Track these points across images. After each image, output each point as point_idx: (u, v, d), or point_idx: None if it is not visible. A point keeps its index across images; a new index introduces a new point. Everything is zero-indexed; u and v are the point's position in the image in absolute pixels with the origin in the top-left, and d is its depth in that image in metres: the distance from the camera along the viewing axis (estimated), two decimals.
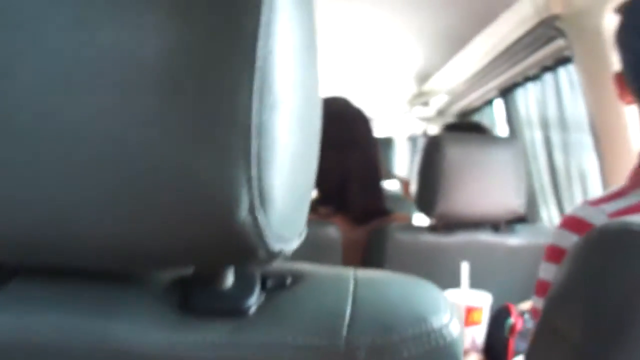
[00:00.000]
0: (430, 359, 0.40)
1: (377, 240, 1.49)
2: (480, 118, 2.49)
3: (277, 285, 0.43)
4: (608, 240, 0.53)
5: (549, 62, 1.73)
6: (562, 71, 1.70)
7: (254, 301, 0.40)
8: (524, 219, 1.57)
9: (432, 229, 1.49)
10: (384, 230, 1.47)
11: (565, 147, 1.73)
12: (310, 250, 1.44)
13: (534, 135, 1.92)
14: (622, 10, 0.85)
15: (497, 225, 1.51)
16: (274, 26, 0.33)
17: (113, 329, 0.38)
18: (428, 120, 3.02)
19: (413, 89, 2.88)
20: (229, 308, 0.40)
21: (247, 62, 0.32)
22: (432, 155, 1.42)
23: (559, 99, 1.71)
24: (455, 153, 1.40)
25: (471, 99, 2.46)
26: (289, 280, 0.43)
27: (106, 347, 0.37)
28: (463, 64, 2.25)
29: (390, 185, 3.09)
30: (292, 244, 0.39)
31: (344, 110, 1.67)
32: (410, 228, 1.51)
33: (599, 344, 0.53)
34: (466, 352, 1.13)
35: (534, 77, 1.85)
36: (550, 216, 1.92)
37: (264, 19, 0.33)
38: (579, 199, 1.70)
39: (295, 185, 0.37)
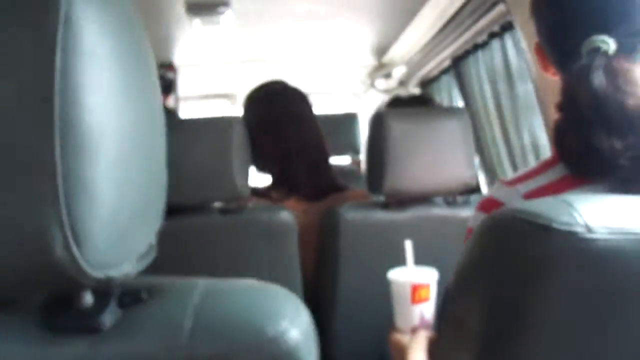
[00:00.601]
0: None
1: (330, 220, 1.48)
2: (439, 87, 2.48)
3: (134, 301, 0.46)
4: (499, 230, 0.54)
5: (495, 29, 1.71)
6: (508, 37, 1.68)
7: (108, 318, 0.44)
8: (478, 190, 1.57)
9: (384, 206, 1.47)
10: (336, 211, 1.46)
11: (515, 114, 1.73)
12: (265, 237, 1.42)
13: (487, 103, 1.92)
14: None
15: (450, 198, 1.49)
16: (75, 66, 0.36)
17: None
18: (390, 92, 3.00)
19: (373, 61, 2.87)
20: (86, 325, 0.44)
21: (45, 106, 0.35)
22: (376, 132, 1.40)
23: (507, 65, 1.70)
24: (399, 128, 1.37)
25: (429, 68, 2.45)
26: (144, 295, 0.47)
27: None
28: (416, 35, 2.23)
29: (347, 161, 3.07)
30: (124, 267, 0.42)
31: (278, 92, 1.67)
32: (362, 206, 1.49)
33: (499, 332, 0.53)
34: (415, 330, 1.13)
35: (483, 45, 1.83)
36: None
37: (59, 61, 0.35)
38: (532, 163, 1.70)
39: (119, 215, 0.40)
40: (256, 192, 1.62)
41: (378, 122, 1.39)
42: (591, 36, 0.71)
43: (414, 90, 2.81)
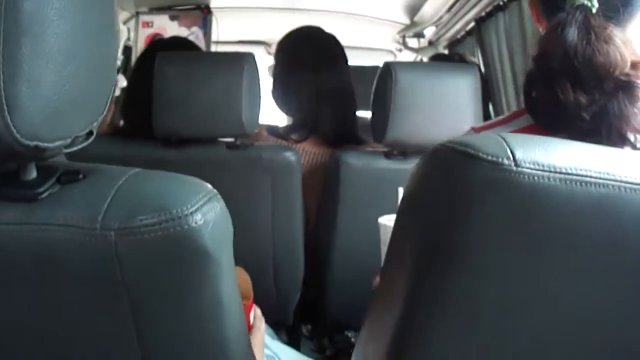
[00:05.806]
0: (169, 241, 0.50)
1: (332, 165, 1.52)
2: (464, 49, 2.46)
3: (72, 180, 0.54)
4: (434, 159, 0.56)
5: None
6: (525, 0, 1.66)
7: (46, 190, 0.52)
8: None
9: (386, 155, 1.50)
10: (338, 156, 1.50)
11: None
12: (268, 175, 1.47)
13: (504, 68, 1.91)
14: None
15: None
16: None
17: None
18: (421, 51, 2.99)
19: (405, 20, 2.85)
20: (25, 194, 0.52)
21: None
22: (384, 82, 1.40)
23: (522, 30, 1.69)
24: (406, 79, 1.38)
25: (456, 29, 2.43)
26: (81, 176, 0.54)
27: None
28: None
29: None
30: (57, 143, 0.50)
31: (316, 35, 1.71)
32: (364, 154, 1.52)
33: (430, 254, 0.56)
34: None
35: (503, 7, 1.82)
36: None
37: None
38: None
39: (55, 99, 0.48)
40: (276, 133, 1.68)
41: (386, 72, 1.39)
42: None
43: (443, 51, 2.80)
